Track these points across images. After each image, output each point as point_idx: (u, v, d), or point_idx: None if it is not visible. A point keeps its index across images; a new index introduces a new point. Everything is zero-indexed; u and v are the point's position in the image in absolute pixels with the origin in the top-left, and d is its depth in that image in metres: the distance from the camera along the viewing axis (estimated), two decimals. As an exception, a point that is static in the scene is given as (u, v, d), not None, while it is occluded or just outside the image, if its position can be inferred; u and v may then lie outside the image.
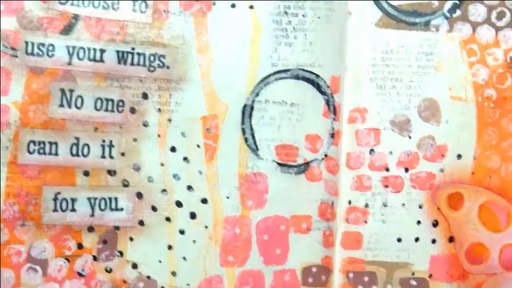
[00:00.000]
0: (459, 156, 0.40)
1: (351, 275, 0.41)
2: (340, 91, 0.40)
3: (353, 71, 0.40)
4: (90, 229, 0.38)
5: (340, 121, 0.40)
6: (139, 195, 0.38)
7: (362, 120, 0.41)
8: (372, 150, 0.41)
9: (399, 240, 0.40)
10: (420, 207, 0.40)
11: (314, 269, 0.40)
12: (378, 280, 0.40)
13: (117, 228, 0.38)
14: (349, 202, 0.41)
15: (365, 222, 0.41)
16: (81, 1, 0.37)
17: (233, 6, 0.38)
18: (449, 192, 0.40)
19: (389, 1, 0.40)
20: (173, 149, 0.38)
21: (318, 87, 0.39)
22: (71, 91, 0.37)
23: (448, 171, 0.40)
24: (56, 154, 0.37)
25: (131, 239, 0.38)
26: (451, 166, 0.40)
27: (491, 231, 0.40)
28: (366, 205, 0.41)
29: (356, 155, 0.41)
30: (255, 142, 0.39)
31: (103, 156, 0.37)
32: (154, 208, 0.38)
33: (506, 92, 0.40)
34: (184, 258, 0.39)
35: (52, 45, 0.37)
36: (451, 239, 0.40)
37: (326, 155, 0.40)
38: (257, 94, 0.39)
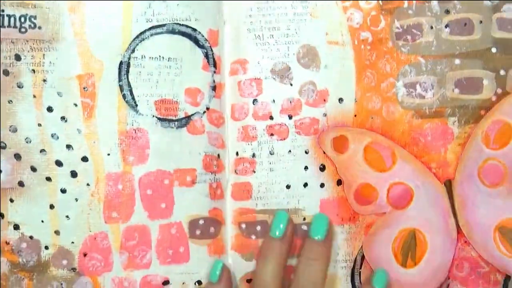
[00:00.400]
0: (340, 100, 0.41)
1: (243, 225, 0.41)
2: (219, 44, 0.41)
3: (231, 24, 0.41)
4: (-31, 192, 0.38)
5: (221, 74, 0.41)
6: (17, 156, 0.38)
7: (244, 71, 0.41)
8: (255, 100, 0.41)
9: (288, 186, 0.41)
10: (306, 152, 0.41)
11: (201, 221, 0.40)
12: (270, 228, 0.41)
13: (-4, 190, 0.38)
14: (237, 154, 0.41)
15: (253, 172, 0.41)
16: None
17: (103, -36, 0.39)
18: (334, 135, 0.41)
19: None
20: (49, 109, 0.38)
21: (195, 40, 0.40)
22: None
23: (331, 115, 0.41)
24: None
25: (12, 200, 0.38)
26: (333, 110, 0.41)
27: (377, 171, 0.41)
28: (253, 155, 0.41)
29: (240, 106, 0.41)
30: (133, 98, 0.39)
31: (-21, 121, 0.37)
32: (33, 169, 0.38)
33: (380, 34, 0.41)
34: (67, 217, 0.38)
35: None
36: (339, 182, 0.41)
37: (208, 108, 0.40)
38: (133, 51, 0.39)
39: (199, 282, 0.40)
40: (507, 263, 0.40)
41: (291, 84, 0.41)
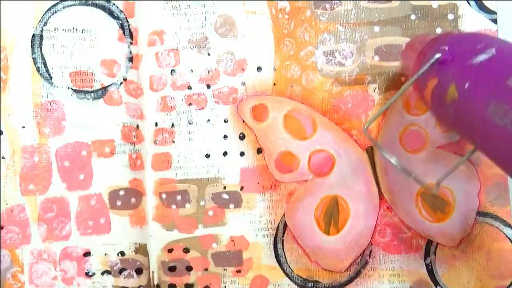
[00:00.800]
0: (259, 69, 0.41)
1: (164, 195, 0.41)
2: (135, 15, 0.41)
3: (147, -4, 0.41)
4: None
5: (138, 45, 0.41)
6: None
7: (161, 42, 0.41)
8: (173, 70, 0.41)
9: (207, 156, 0.41)
10: (226, 121, 0.41)
11: (122, 192, 0.40)
12: (191, 197, 0.41)
13: None
14: (156, 124, 0.41)
15: (173, 142, 0.41)
16: None
17: None
18: (253, 104, 0.41)
19: None
20: (-39, 83, 0.39)
21: (110, 12, 0.40)
22: None
23: (249, 84, 0.41)
24: None
25: None
26: (252, 79, 0.41)
27: (298, 139, 0.41)
28: (172, 125, 0.41)
29: (158, 77, 0.41)
30: (47, 71, 0.39)
31: None
32: None
33: (298, 3, 0.41)
34: (-18, 190, 0.39)
35: None
36: (259, 151, 0.41)
37: (125, 79, 0.40)
38: (46, 23, 0.39)
39: (122, 253, 0.40)
40: (428, 228, 0.40)
41: (209, 54, 0.41)
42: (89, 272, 0.39)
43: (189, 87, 0.41)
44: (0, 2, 0.39)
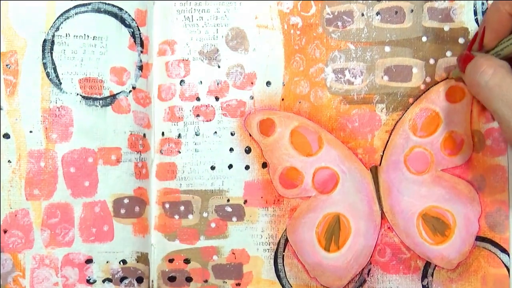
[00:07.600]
0: (268, 83, 0.41)
1: (167, 205, 0.41)
2: (147, 24, 0.41)
3: (160, 4, 0.41)
4: None
5: (149, 54, 0.41)
6: None
7: (172, 52, 0.41)
8: (182, 81, 0.41)
9: (212, 168, 0.41)
10: (232, 134, 0.41)
11: (126, 200, 0.40)
12: (194, 208, 0.41)
13: None
14: (162, 134, 0.41)
15: (179, 152, 0.41)
16: None
17: None
18: (260, 118, 0.41)
19: None
20: (-31, 86, 0.38)
21: (122, 20, 0.40)
22: None
23: (258, 98, 0.41)
24: None
25: None
26: (260, 93, 0.41)
27: (303, 155, 0.41)
28: (179, 136, 0.41)
29: (167, 86, 0.41)
30: (57, 76, 0.39)
31: None
32: (-47, 145, 0.38)
33: (311, 19, 0.41)
34: (-13, 193, 0.39)
35: None
36: (264, 165, 0.41)
37: (134, 88, 0.40)
38: (57, 29, 0.39)
39: (124, 261, 0.40)
40: (428, 250, 0.40)
41: (219, 66, 0.41)
42: (90, 279, 0.39)
43: (198, 99, 0.41)
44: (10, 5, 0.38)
